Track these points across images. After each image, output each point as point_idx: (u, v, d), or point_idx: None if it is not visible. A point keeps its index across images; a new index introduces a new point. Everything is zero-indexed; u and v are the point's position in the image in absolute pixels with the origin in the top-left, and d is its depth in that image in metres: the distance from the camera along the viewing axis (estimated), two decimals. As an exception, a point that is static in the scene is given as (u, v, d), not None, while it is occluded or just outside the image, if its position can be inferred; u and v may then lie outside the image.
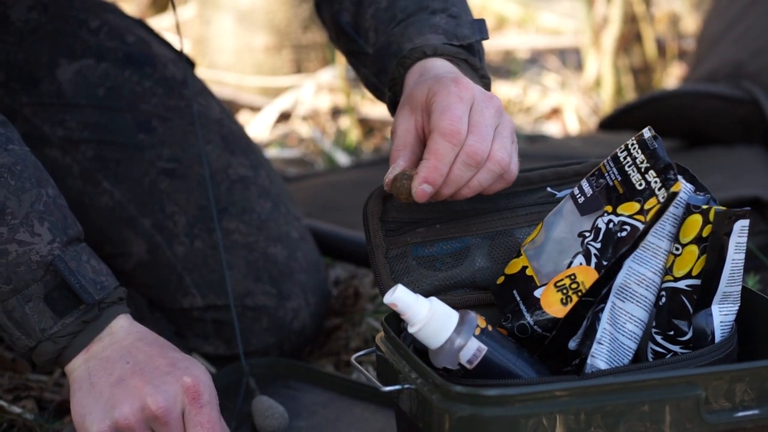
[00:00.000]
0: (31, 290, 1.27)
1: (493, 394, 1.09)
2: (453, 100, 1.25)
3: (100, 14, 1.74)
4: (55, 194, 1.32)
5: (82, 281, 1.27)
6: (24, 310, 1.27)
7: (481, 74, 1.40)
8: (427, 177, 1.23)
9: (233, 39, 3.23)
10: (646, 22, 3.31)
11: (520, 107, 3.36)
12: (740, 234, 1.20)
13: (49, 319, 1.27)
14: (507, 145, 1.27)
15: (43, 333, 1.27)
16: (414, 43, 1.38)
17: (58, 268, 1.27)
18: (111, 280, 1.31)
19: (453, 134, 1.24)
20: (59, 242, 1.28)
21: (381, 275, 1.31)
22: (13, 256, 1.27)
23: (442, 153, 1.24)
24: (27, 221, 1.27)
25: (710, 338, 1.21)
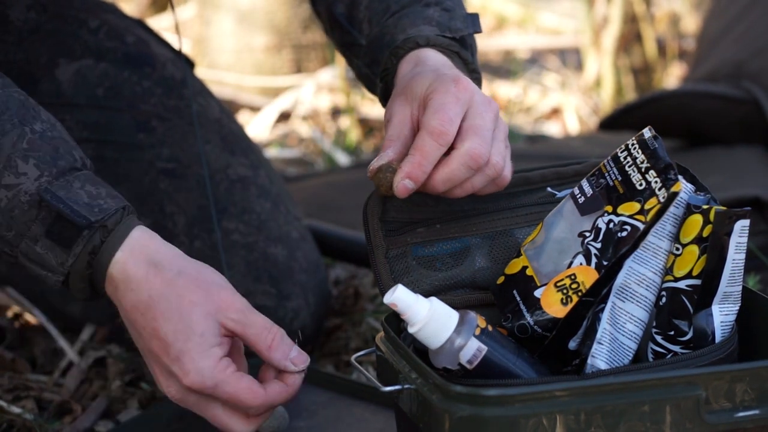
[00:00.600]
0: (33, 231, 1.24)
1: (493, 394, 1.09)
2: (449, 100, 1.25)
3: (100, 14, 1.74)
4: (45, 128, 1.28)
5: (73, 206, 1.23)
6: (36, 251, 1.25)
7: (471, 68, 1.40)
8: (410, 173, 1.23)
9: (233, 39, 3.23)
10: (647, 22, 3.31)
11: (520, 107, 3.36)
12: (741, 234, 1.20)
13: (60, 253, 1.24)
14: (502, 150, 1.27)
15: (63, 266, 1.25)
16: (407, 33, 1.38)
17: (46, 200, 1.23)
18: (112, 203, 1.26)
19: (441, 134, 1.24)
20: (48, 176, 1.25)
21: (381, 275, 1.31)
22: (5, 203, 1.24)
23: (428, 151, 1.23)
24: (9, 163, 1.24)
25: (711, 338, 1.21)
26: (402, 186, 1.24)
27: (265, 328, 1.23)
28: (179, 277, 1.23)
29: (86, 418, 1.60)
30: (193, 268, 1.24)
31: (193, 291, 1.22)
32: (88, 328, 1.80)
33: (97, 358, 1.75)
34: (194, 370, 1.21)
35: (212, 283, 1.24)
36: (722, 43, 2.72)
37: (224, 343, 1.23)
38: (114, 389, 1.67)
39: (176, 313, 1.22)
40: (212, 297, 1.22)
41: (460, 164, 1.24)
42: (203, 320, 1.21)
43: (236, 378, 1.22)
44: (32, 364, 1.78)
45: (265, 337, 1.23)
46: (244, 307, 1.23)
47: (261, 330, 1.23)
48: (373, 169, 1.26)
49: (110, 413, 1.64)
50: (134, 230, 1.25)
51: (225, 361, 1.22)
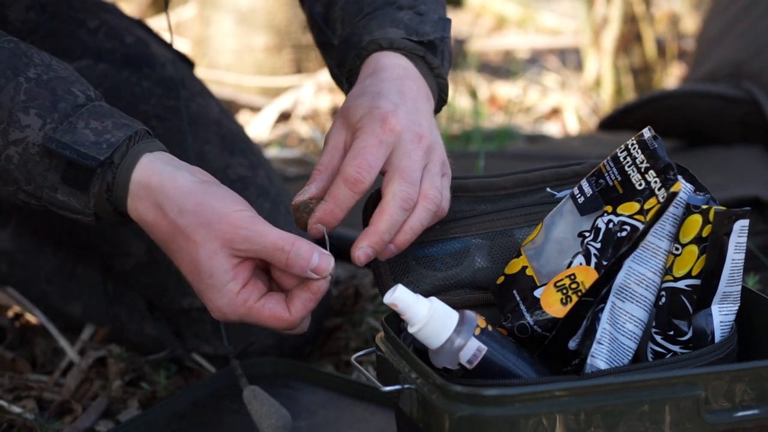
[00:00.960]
0: (50, 180, 1.25)
1: (493, 394, 1.09)
2: (371, 143, 1.25)
3: (99, 14, 1.74)
4: (39, 72, 1.27)
5: (80, 150, 1.23)
6: (59, 199, 1.25)
7: (437, 74, 1.38)
8: (322, 218, 1.24)
9: (233, 39, 3.23)
10: (646, 22, 3.31)
11: (520, 107, 3.36)
12: (740, 234, 1.20)
13: (81, 196, 1.25)
14: (437, 183, 1.27)
15: (88, 208, 1.25)
16: (373, 35, 1.37)
17: (52, 149, 1.23)
18: (119, 133, 1.24)
19: (355, 183, 1.24)
20: (51, 122, 1.24)
21: (381, 275, 1.31)
22: (17, 159, 1.24)
23: (341, 199, 1.24)
24: (12, 118, 1.24)
25: (710, 338, 1.21)
26: (315, 230, 1.25)
27: (276, 249, 1.20)
28: (180, 217, 1.22)
29: (86, 418, 1.60)
30: (193, 201, 1.22)
31: (195, 230, 1.21)
32: (89, 327, 1.81)
33: (97, 358, 1.75)
34: (215, 309, 1.21)
35: (213, 213, 1.21)
36: (722, 43, 2.72)
37: (240, 272, 1.21)
38: (114, 389, 1.67)
39: (186, 255, 1.22)
40: (214, 232, 1.21)
41: (396, 207, 1.24)
42: (209, 261, 1.20)
43: (257, 309, 1.21)
44: (33, 364, 1.78)
45: (278, 258, 1.21)
46: (250, 233, 1.21)
47: (273, 252, 1.20)
48: (294, 204, 1.27)
49: (110, 413, 1.64)
50: (138, 165, 1.24)
51: (244, 294, 1.21)
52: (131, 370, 1.72)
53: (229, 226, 1.21)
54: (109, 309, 1.78)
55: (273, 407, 1.47)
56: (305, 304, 1.22)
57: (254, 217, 1.21)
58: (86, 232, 1.75)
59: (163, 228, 1.23)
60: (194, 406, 1.58)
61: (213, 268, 1.20)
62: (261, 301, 1.21)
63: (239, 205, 1.22)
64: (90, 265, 1.80)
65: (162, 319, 1.74)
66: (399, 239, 1.26)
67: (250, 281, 1.22)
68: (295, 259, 1.20)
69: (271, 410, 1.46)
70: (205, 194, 1.22)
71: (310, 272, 1.21)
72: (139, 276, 1.73)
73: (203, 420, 1.57)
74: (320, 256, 1.21)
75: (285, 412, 1.47)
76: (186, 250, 1.21)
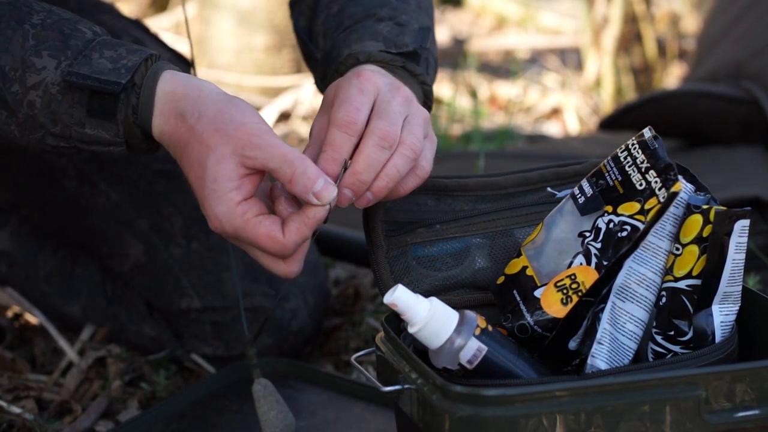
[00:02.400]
0: (76, 116, 1.24)
1: (493, 394, 1.09)
2: (353, 93, 1.25)
3: (96, 15, 1.74)
4: (43, 17, 1.28)
5: (100, 77, 1.23)
6: (88, 134, 1.25)
7: (421, 80, 1.38)
8: (325, 168, 1.22)
9: (233, 39, 3.23)
10: (647, 22, 3.31)
11: (520, 107, 3.36)
12: (741, 234, 1.20)
13: (109, 126, 1.24)
14: (417, 132, 1.26)
15: (118, 137, 1.25)
16: (351, 49, 1.37)
17: (73, 81, 1.23)
18: (135, 57, 1.24)
19: (348, 125, 1.23)
20: (65, 59, 1.24)
21: (381, 275, 1.31)
22: (39, 102, 1.24)
23: (338, 144, 1.23)
24: (26, 64, 1.24)
25: (711, 338, 1.21)
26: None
27: (285, 161, 1.19)
28: (199, 122, 1.21)
29: (86, 418, 1.60)
30: (214, 108, 1.22)
31: (211, 135, 1.20)
32: (88, 328, 1.80)
33: (97, 358, 1.75)
34: (213, 216, 1.20)
35: (230, 121, 1.20)
36: (722, 43, 2.72)
37: (244, 184, 1.20)
38: (114, 389, 1.67)
39: (196, 161, 1.21)
40: (229, 137, 1.20)
41: (373, 145, 1.23)
42: (216, 165, 1.19)
43: (254, 224, 1.20)
44: (32, 364, 1.78)
45: (285, 171, 1.19)
46: (262, 141, 1.20)
47: (281, 163, 1.19)
48: None
49: (110, 413, 1.64)
50: (160, 80, 1.24)
51: (243, 206, 1.20)
52: (131, 370, 1.72)
53: (243, 134, 1.20)
54: (109, 309, 1.78)
55: (282, 413, 1.45)
56: (299, 228, 1.20)
57: (270, 131, 1.21)
58: (84, 233, 1.75)
59: (180, 135, 1.22)
60: (194, 407, 1.58)
61: (218, 173, 1.19)
62: (259, 217, 1.20)
63: (258, 118, 1.22)
64: (89, 266, 1.80)
65: (161, 320, 1.74)
66: (375, 185, 1.24)
67: (252, 198, 1.21)
68: (300, 176, 1.19)
69: (279, 416, 1.45)
70: (226, 103, 1.22)
71: (311, 195, 1.19)
72: (138, 277, 1.73)
73: (203, 420, 1.57)
74: (325, 182, 1.20)
75: (291, 420, 1.46)
76: (197, 155, 1.21)
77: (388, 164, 1.24)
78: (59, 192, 1.74)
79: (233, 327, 1.70)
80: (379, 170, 1.23)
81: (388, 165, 1.24)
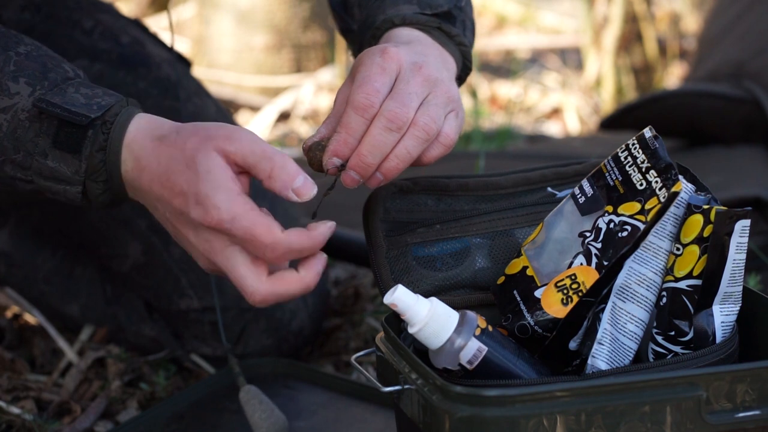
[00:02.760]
0: (40, 146, 1.23)
1: (493, 394, 1.09)
2: (374, 71, 1.24)
3: (94, 14, 1.74)
4: (29, 50, 1.27)
5: (71, 109, 1.21)
6: (49, 166, 1.23)
7: (458, 41, 1.37)
8: (336, 150, 1.22)
9: (233, 38, 3.23)
10: (647, 22, 3.30)
11: (520, 107, 3.36)
12: (741, 234, 1.20)
13: (72, 160, 1.22)
14: (433, 112, 1.24)
15: (78, 174, 1.23)
16: (386, 14, 1.37)
17: (43, 108, 1.21)
18: (110, 99, 1.23)
19: (365, 108, 1.22)
20: (41, 89, 1.23)
21: (381, 275, 1.31)
22: (6, 126, 1.23)
23: (353, 127, 1.22)
24: (1, 87, 1.23)
25: (711, 339, 1.21)
26: (331, 163, 1.22)
27: (264, 157, 1.18)
28: (179, 135, 1.20)
29: (85, 419, 1.60)
30: (191, 125, 1.21)
31: (191, 139, 1.19)
32: (88, 328, 1.80)
33: (96, 359, 1.74)
34: (212, 206, 1.17)
35: (210, 126, 1.20)
36: (723, 42, 2.72)
37: (241, 180, 1.19)
38: (113, 389, 1.67)
39: (182, 164, 1.18)
40: (210, 136, 1.19)
41: (380, 127, 1.22)
42: (206, 160, 1.18)
43: (255, 214, 1.17)
44: (31, 364, 1.78)
45: (264, 166, 1.18)
46: (243, 137, 1.19)
47: (260, 158, 1.18)
48: (305, 147, 1.25)
49: (110, 413, 1.64)
50: (135, 118, 1.23)
51: (244, 198, 1.18)
52: (130, 370, 1.72)
53: (224, 131, 1.19)
54: (108, 310, 1.78)
55: (265, 413, 1.46)
56: (300, 236, 1.18)
57: (250, 132, 1.20)
58: (83, 233, 1.75)
59: (161, 152, 1.20)
60: (193, 407, 1.58)
61: (211, 166, 1.18)
62: (259, 211, 1.18)
63: (238, 126, 1.21)
64: (88, 266, 1.80)
65: (160, 320, 1.74)
66: (385, 166, 1.23)
67: (248, 196, 1.20)
68: (280, 172, 1.18)
69: (263, 416, 1.45)
70: (205, 124, 1.21)
71: (291, 192, 1.18)
72: (137, 277, 1.73)
73: (202, 420, 1.57)
74: (305, 179, 1.18)
75: (279, 417, 1.46)
76: (182, 160, 1.19)
77: (398, 145, 1.23)
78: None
79: (233, 327, 1.70)
80: (388, 152, 1.23)
81: (399, 146, 1.23)
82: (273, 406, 1.47)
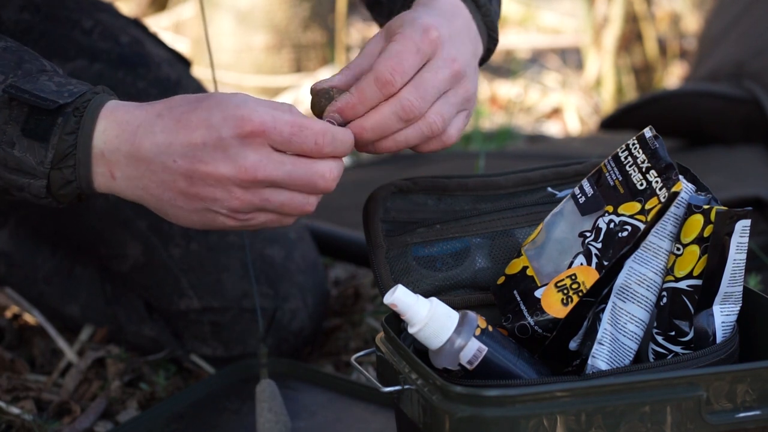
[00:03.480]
0: (8, 134, 1.19)
1: (493, 394, 1.09)
2: (408, 48, 1.22)
3: (94, 14, 1.74)
4: (9, 45, 1.23)
5: (41, 94, 1.18)
6: (15, 155, 1.19)
7: (484, 12, 1.35)
8: (341, 109, 1.21)
9: (233, 38, 3.23)
10: (647, 22, 3.31)
11: (520, 107, 3.36)
12: (742, 234, 1.20)
13: (39, 149, 1.18)
14: (445, 111, 1.24)
15: (43, 165, 1.19)
16: None
17: (12, 94, 1.19)
18: (83, 87, 1.20)
19: (385, 83, 1.21)
20: (13, 77, 1.21)
21: (381, 275, 1.31)
22: None
23: (367, 96, 1.21)
24: None
25: (711, 339, 1.21)
26: (330, 118, 1.21)
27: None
28: (174, 97, 1.18)
29: (85, 419, 1.60)
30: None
31: (197, 96, 1.18)
32: (87, 328, 1.80)
33: (96, 359, 1.74)
34: (248, 113, 1.14)
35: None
36: (723, 42, 2.72)
37: None
38: (113, 390, 1.67)
39: (193, 103, 1.16)
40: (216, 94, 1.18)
41: (391, 113, 1.21)
42: (221, 93, 1.16)
43: (305, 118, 1.16)
44: (31, 364, 1.78)
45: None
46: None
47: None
48: (314, 89, 1.24)
49: (109, 414, 1.64)
50: (109, 102, 1.20)
51: (275, 103, 1.17)
52: (130, 370, 1.72)
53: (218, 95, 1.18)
54: (108, 310, 1.78)
55: (269, 423, 1.45)
56: (345, 131, 1.20)
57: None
58: (83, 233, 1.75)
59: (157, 106, 1.17)
60: (193, 407, 1.58)
61: (233, 94, 1.16)
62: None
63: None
64: (88, 266, 1.80)
65: (160, 321, 1.74)
66: (381, 144, 1.23)
67: None
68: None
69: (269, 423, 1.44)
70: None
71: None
72: (137, 277, 1.73)
73: (202, 420, 1.57)
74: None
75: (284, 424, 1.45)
76: (193, 101, 1.16)
77: (400, 132, 1.23)
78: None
79: (232, 327, 1.70)
80: (388, 135, 1.22)
81: (400, 133, 1.23)
82: (283, 410, 1.46)
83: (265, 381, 1.46)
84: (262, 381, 1.46)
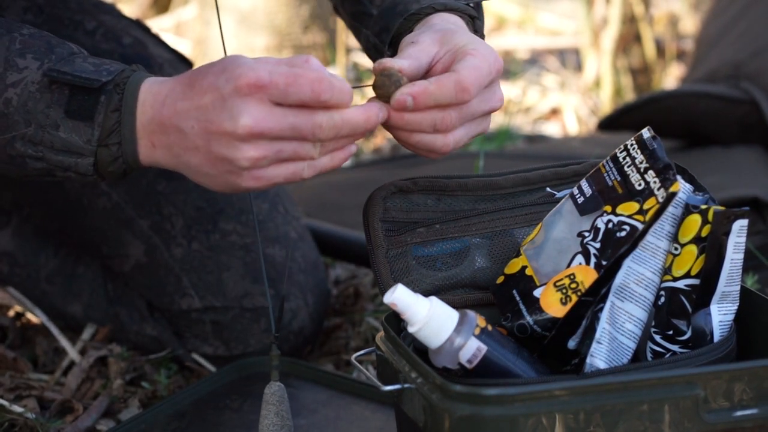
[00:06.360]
0: (52, 117, 1.23)
1: (492, 393, 1.09)
2: (486, 68, 1.24)
3: (96, 15, 1.74)
4: (33, 32, 1.28)
5: (82, 75, 1.22)
6: (61, 137, 1.23)
7: (477, 26, 1.39)
8: (417, 94, 1.22)
9: (234, 40, 3.23)
10: (645, 23, 3.31)
11: (519, 107, 3.36)
12: (739, 234, 1.20)
13: (85, 128, 1.22)
14: (462, 139, 1.27)
15: (91, 143, 1.23)
16: (421, 3, 1.37)
17: (53, 77, 1.22)
18: (118, 66, 1.24)
19: (464, 90, 1.23)
20: (48, 62, 1.24)
21: (381, 275, 1.31)
22: (16, 100, 1.24)
23: (445, 91, 1.22)
24: (9, 63, 1.24)
25: (709, 338, 1.22)
26: (401, 98, 1.22)
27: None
28: (197, 67, 1.22)
29: (87, 417, 1.60)
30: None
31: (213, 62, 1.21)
32: (90, 327, 1.81)
33: (98, 358, 1.75)
34: (243, 70, 1.17)
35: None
36: (721, 43, 2.72)
37: None
38: (115, 388, 1.67)
39: (206, 68, 1.20)
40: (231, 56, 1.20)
41: (431, 118, 1.23)
42: (235, 54, 1.20)
43: (288, 63, 1.19)
44: (34, 363, 1.78)
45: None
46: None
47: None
48: (380, 66, 1.24)
49: (111, 412, 1.65)
50: (148, 78, 1.24)
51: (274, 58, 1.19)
52: (132, 369, 1.73)
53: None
54: (110, 309, 1.79)
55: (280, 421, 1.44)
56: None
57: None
58: (85, 233, 1.76)
59: (181, 78, 1.21)
60: (195, 405, 1.59)
61: (246, 57, 1.20)
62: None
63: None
64: (90, 266, 1.80)
65: (162, 320, 1.75)
66: (399, 134, 1.25)
67: None
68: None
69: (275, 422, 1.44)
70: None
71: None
72: (139, 277, 1.73)
73: (204, 419, 1.57)
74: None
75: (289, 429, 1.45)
76: (207, 67, 1.20)
77: (418, 134, 1.24)
78: (61, 192, 1.74)
79: (234, 327, 1.70)
80: (413, 131, 1.24)
81: (418, 135, 1.24)
82: (289, 415, 1.45)
83: (275, 384, 1.45)
84: (272, 383, 1.45)
